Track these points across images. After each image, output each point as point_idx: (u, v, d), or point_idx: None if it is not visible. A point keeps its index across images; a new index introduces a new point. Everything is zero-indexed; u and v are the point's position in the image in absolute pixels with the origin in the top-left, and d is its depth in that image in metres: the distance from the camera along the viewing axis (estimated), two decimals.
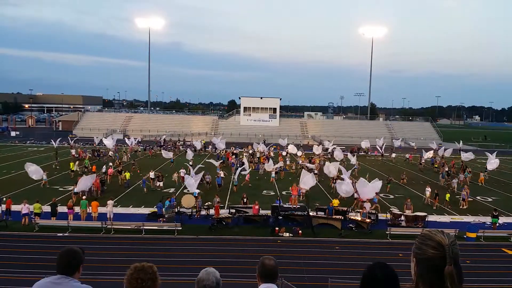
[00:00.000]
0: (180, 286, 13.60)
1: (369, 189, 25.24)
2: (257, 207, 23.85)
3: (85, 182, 25.98)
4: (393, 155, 54.81)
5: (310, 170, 33.73)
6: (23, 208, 21.63)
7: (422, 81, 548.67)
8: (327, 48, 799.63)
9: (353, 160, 41.89)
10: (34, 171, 30.17)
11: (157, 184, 30.95)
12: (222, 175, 32.16)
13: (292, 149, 50.76)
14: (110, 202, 22.89)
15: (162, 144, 59.15)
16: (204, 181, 30.88)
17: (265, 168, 37.04)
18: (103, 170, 34.42)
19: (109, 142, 49.99)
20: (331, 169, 33.87)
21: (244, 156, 43.14)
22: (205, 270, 2.96)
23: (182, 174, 32.26)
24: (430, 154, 48.78)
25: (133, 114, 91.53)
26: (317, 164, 40.65)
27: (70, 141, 53.06)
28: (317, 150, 50.57)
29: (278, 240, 20.69)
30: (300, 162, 44.07)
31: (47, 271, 3.72)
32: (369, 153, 57.60)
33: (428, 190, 29.28)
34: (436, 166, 45.54)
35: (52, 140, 52.66)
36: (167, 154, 43.79)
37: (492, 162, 39.82)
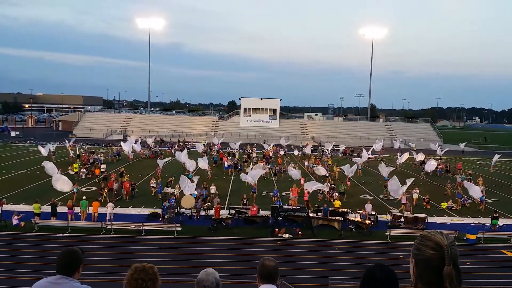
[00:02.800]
0: (180, 286, 13.60)
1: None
2: (254, 208, 23.85)
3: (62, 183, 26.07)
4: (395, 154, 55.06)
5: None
6: (13, 219, 21.54)
7: (422, 82, 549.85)
8: (328, 49, 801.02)
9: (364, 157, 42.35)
10: (50, 169, 30.62)
11: (167, 190, 29.16)
12: (213, 190, 28.58)
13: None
14: (110, 205, 22.79)
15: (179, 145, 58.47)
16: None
17: (267, 171, 36.54)
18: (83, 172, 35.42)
19: (127, 147, 46.27)
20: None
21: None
22: (204, 271, 2.96)
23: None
24: (405, 156, 48.29)
25: (133, 115, 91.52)
26: (325, 165, 40.82)
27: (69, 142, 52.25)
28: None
29: (278, 241, 20.68)
30: (307, 163, 44.12)
31: (47, 271, 3.72)
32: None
33: (416, 193, 29.24)
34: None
35: (40, 147, 43.60)
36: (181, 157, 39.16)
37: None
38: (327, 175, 35.45)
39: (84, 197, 23.60)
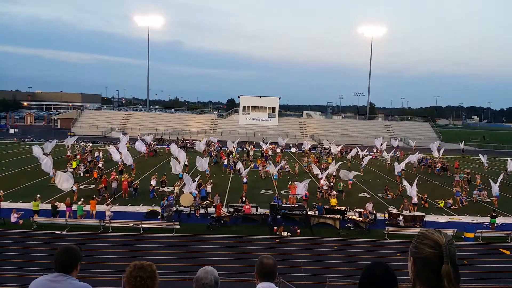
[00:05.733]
0: (178, 284, 13.60)
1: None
2: (248, 206, 23.87)
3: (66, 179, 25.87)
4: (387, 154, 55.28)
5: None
6: (12, 216, 21.51)
7: (421, 81, 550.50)
8: (327, 48, 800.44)
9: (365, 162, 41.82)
10: (44, 165, 31.02)
11: (161, 190, 28.84)
12: (209, 189, 28.31)
13: (333, 148, 53.49)
14: (107, 208, 22.60)
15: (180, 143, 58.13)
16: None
17: (268, 171, 36.60)
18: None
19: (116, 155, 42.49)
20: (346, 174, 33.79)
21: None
22: (203, 268, 2.97)
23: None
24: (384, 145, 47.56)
25: (132, 112, 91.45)
26: (327, 164, 40.83)
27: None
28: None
29: (276, 239, 20.70)
30: (305, 161, 44.16)
31: (45, 269, 3.72)
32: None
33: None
34: (430, 165, 45.08)
35: (35, 151, 37.93)
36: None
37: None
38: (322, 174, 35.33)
39: (79, 202, 22.97)
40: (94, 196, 25.17)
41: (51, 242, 18.47)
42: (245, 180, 31.13)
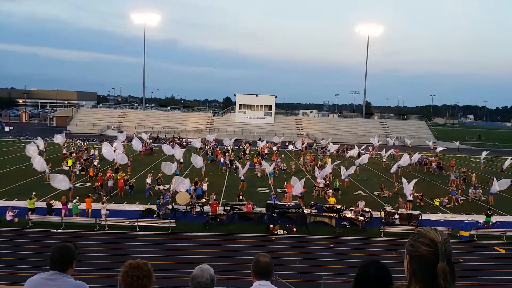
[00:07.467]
0: (174, 283, 13.58)
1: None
2: (250, 205, 23.87)
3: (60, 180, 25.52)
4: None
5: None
6: (7, 214, 21.41)
7: (417, 80, 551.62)
8: (323, 46, 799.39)
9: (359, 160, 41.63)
10: (37, 163, 30.93)
11: (157, 188, 28.97)
12: (205, 187, 28.14)
13: (332, 147, 53.31)
14: (102, 206, 22.48)
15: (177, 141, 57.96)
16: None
17: (264, 170, 36.54)
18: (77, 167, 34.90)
19: (137, 143, 44.94)
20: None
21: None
22: (199, 267, 2.96)
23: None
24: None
25: (128, 110, 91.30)
26: (323, 162, 40.84)
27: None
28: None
29: (272, 237, 20.72)
30: (301, 159, 44.18)
31: (40, 267, 3.71)
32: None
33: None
34: (426, 164, 45.19)
35: (29, 149, 36.80)
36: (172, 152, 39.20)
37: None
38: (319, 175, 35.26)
39: (74, 200, 22.73)
40: (90, 194, 25.08)
41: (47, 240, 18.40)
42: (242, 178, 31.01)
